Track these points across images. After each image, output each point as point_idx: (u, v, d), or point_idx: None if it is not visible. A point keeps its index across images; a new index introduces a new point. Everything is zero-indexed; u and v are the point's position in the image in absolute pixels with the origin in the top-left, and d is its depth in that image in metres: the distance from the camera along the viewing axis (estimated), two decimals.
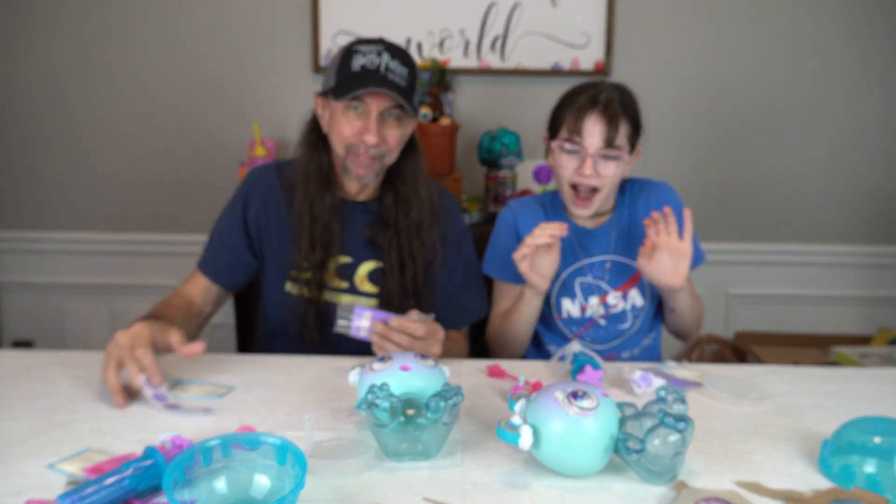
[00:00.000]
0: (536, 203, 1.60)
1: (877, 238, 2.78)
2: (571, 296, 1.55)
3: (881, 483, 0.86)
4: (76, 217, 2.80)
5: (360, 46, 1.40)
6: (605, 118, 1.41)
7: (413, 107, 1.39)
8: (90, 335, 2.83)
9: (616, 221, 1.56)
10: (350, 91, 1.35)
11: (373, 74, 1.36)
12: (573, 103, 1.45)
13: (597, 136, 1.41)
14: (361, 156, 1.40)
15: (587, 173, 1.42)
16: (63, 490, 0.84)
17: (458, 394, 0.94)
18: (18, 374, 1.23)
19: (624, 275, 1.55)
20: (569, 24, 2.65)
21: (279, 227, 1.50)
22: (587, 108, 1.42)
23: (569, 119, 1.44)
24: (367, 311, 1.27)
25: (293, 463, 0.82)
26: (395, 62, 1.38)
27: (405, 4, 2.66)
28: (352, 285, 1.50)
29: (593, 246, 1.55)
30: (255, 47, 2.65)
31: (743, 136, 2.74)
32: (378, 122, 1.38)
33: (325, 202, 1.46)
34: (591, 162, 1.41)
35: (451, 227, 1.56)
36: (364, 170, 1.42)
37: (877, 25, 2.65)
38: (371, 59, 1.37)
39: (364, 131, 1.38)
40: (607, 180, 1.44)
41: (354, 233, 1.50)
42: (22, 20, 2.68)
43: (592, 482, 0.89)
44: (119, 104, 2.73)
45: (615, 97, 1.44)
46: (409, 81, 1.39)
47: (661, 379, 1.22)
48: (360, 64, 1.37)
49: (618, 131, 1.41)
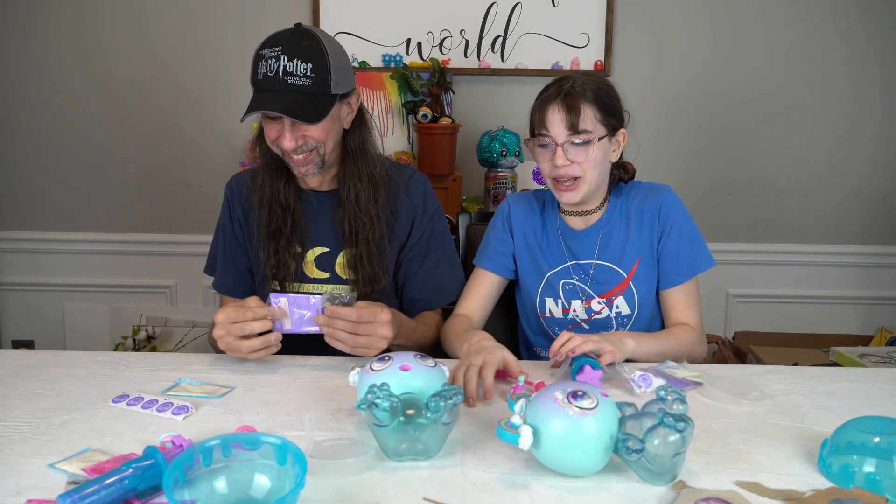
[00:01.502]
0: (535, 199, 1.59)
1: (877, 238, 2.78)
2: (555, 297, 1.53)
3: (880, 483, 0.86)
4: (76, 217, 2.80)
5: (264, 49, 1.37)
6: (564, 105, 1.38)
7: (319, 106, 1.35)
8: (90, 335, 2.83)
9: (604, 224, 1.51)
10: (250, 108, 1.34)
11: (272, 83, 1.34)
12: (539, 98, 1.45)
13: (559, 125, 1.39)
14: (293, 157, 1.41)
15: (559, 163, 1.39)
16: (63, 490, 0.84)
17: (458, 394, 0.94)
18: (18, 374, 1.23)
19: (609, 282, 1.49)
20: (569, 24, 2.65)
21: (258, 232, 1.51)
22: (549, 99, 1.41)
23: (536, 115, 1.44)
24: (282, 297, 1.28)
25: (293, 463, 0.82)
26: (294, 62, 1.35)
27: (405, 5, 2.66)
28: (333, 274, 1.52)
29: (579, 248, 1.51)
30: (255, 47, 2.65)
31: (742, 137, 2.74)
32: (292, 127, 1.37)
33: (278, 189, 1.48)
34: (560, 151, 1.39)
35: (421, 205, 1.55)
36: (304, 168, 1.42)
37: (877, 25, 2.65)
38: (270, 65, 1.35)
39: (273, 138, 1.39)
40: (586, 166, 1.40)
41: (325, 223, 1.51)
42: (23, 21, 2.68)
43: (592, 482, 0.89)
44: (119, 104, 2.73)
45: (578, 83, 1.41)
46: (317, 76, 1.35)
47: (660, 379, 1.22)
48: (263, 72, 1.36)
49: (579, 115, 1.38)
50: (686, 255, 1.47)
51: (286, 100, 1.33)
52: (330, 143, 1.42)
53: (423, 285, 1.55)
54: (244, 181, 1.56)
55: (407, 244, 1.55)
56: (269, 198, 1.48)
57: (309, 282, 1.52)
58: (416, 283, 1.55)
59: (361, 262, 1.47)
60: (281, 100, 1.33)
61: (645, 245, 1.48)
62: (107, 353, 1.35)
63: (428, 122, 2.46)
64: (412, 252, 1.55)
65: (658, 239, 1.48)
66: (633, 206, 1.50)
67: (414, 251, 1.55)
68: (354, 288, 1.49)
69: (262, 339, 1.25)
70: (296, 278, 1.51)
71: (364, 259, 1.47)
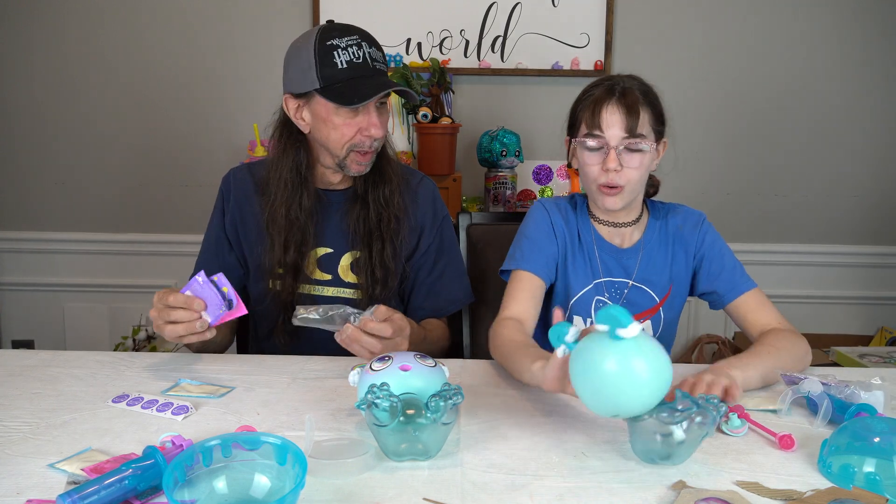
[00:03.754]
0: (568, 208, 1.49)
1: (877, 238, 2.79)
2: (585, 314, 1.45)
3: (880, 483, 0.86)
4: (76, 217, 2.80)
5: (334, 40, 1.33)
6: (623, 107, 1.32)
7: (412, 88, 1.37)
8: (90, 335, 2.83)
9: (644, 245, 1.45)
10: (361, 95, 1.31)
11: (364, 70, 1.33)
12: (589, 97, 1.37)
13: (616, 127, 1.32)
14: (366, 153, 1.39)
15: (612, 166, 1.32)
16: (63, 490, 0.84)
17: (458, 394, 0.94)
18: (18, 374, 1.23)
19: (641, 305, 1.43)
20: (569, 24, 2.65)
21: (256, 228, 1.48)
22: (604, 98, 1.34)
23: (586, 114, 1.35)
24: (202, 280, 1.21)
25: (293, 463, 0.82)
26: (374, 50, 1.35)
27: (405, 4, 2.66)
28: (335, 276, 1.49)
29: (615, 266, 1.44)
30: (255, 47, 2.65)
31: (742, 137, 2.74)
32: (379, 113, 1.38)
33: (301, 204, 1.43)
34: (614, 154, 1.32)
35: (430, 213, 1.53)
36: (365, 166, 1.41)
37: (876, 25, 2.65)
38: (354, 52, 1.32)
39: (368, 126, 1.36)
40: (633, 173, 1.34)
41: (334, 223, 1.48)
42: (23, 21, 2.68)
43: (592, 482, 0.89)
44: (119, 104, 2.73)
45: (633, 85, 1.36)
46: (387, 65, 1.38)
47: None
48: (346, 60, 1.32)
49: (638, 119, 1.31)
50: (739, 268, 1.43)
51: (387, 83, 1.33)
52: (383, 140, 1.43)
53: (430, 293, 1.53)
54: (241, 177, 1.52)
55: (416, 253, 1.52)
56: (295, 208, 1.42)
57: (310, 283, 1.48)
58: (422, 291, 1.53)
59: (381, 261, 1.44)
60: (387, 82, 1.33)
61: (680, 273, 1.46)
62: (107, 353, 1.35)
63: (428, 122, 2.46)
64: (420, 260, 1.52)
65: (695, 267, 1.46)
66: (671, 231, 1.46)
67: (422, 260, 1.52)
68: (358, 292, 1.47)
69: (186, 325, 1.19)
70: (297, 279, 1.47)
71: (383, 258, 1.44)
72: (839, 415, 1.05)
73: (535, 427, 1.05)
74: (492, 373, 1.29)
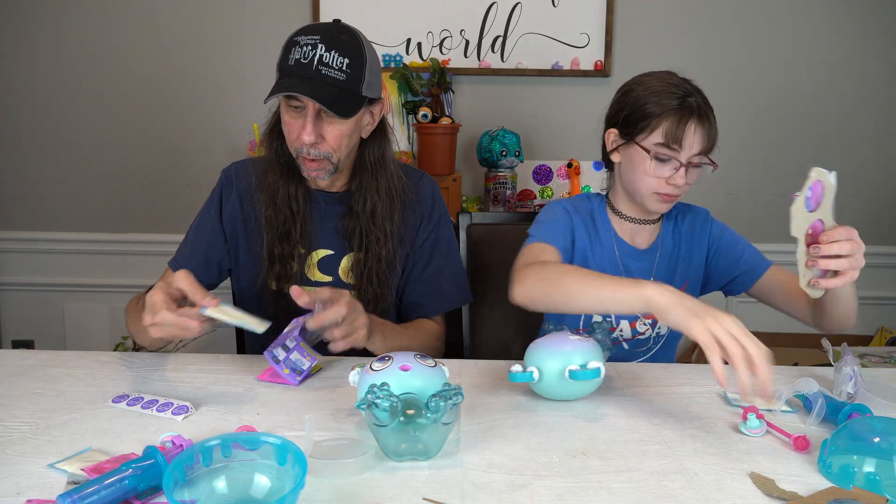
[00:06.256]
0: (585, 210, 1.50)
1: (877, 238, 2.78)
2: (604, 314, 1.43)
3: (880, 483, 0.86)
4: (76, 217, 2.80)
5: (300, 37, 1.31)
6: (703, 126, 1.33)
7: (349, 103, 1.31)
8: (90, 335, 2.83)
9: (660, 245, 1.48)
10: (278, 89, 1.29)
11: (301, 70, 1.29)
12: (663, 105, 1.34)
13: (698, 145, 1.33)
14: (313, 160, 1.35)
15: (680, 183, 1.34)
16: (63, 490, 0.84)
17: (458, 394, 0.94)
18: (18, 374, 1.23)
19: None
20: (569, 24, 2.66)
21: (255, 222, 1.47)
22: (687, 115, 1.32)
23: (667, 125, 1.33)
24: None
25: (293, 463, 0.82)
26: (331, 54, 1.29)
27: (405, 4, 2.66)
28: (336, 278, 1.48)
29: (635, 268, 1.47)
30: (255, 47, 2.65)
31: (742, 136, 2.74)
32: (315, 120, 1.32)
33: (288, 192, 1.42)
34: (684, 171, 1.34)
35: (428, 209, 1.52)
36: (314, 172, 1.37)
37: (874, 25, 2.65)
38: (305, 52, 1.29)
39: (299, 131, 1.32)
40: (690, 186, 1.38)
41: (331, 225, 1.47)
42: (24, 21, 2.68)
43: (592, 482, 0.89)
44: (119, 104, 2.73)
45: (703, 102, 1.35)
46: (351, 73, 1.31)
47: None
48: (296, 58, 1.30)
49: (714, 139, 1.35)
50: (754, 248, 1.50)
51: (317, 89, 1.28)
52: (344, 151, 1.37)
53: (423, 290, 1.51)
54: (243, 171, 1.51)
55: (412, 247, 1.51)
56: (280, 199, 1.42)
57: (310, 285, 1.46)
58: (416, 287, 1.52)
59: (370, 278, 1.44)
60: (312, 88, 1.28)
61: (693, 270, 1.49)
62: (107, 353, 1.35)
63: (428, 122, 2.46)
64: (415, 255, 1.51)
65: (709, 263, 1.50)
66: (683, 230, 1.50)
67: (417, 254, 1.51)
68: (356, 294, 1.45)
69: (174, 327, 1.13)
70: (297, 281, 1.46)
71: (372, 275, 1.43)
72: (832, 417, 1.06)
73: (535, 427, 1.05)
74: (492, 373, 1.29)
